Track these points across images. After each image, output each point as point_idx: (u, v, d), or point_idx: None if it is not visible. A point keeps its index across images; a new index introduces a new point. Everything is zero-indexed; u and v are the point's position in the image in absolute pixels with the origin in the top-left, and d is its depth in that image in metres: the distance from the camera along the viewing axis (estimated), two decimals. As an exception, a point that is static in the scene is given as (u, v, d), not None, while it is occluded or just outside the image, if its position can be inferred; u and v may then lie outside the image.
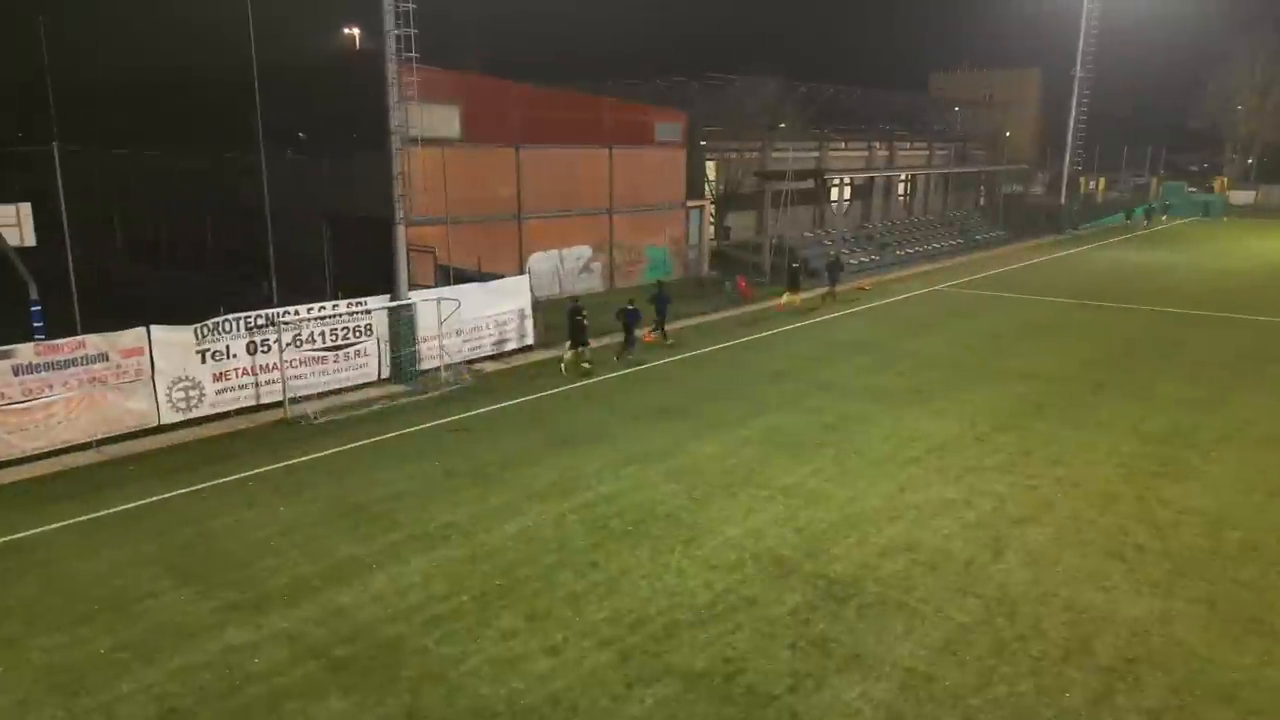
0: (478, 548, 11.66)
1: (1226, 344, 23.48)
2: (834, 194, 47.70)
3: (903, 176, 53.12)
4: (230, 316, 17.02)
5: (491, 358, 21.72)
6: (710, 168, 40.85)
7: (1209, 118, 77.79)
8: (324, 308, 18.54)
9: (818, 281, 31.58)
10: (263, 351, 17.50)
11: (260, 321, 17.40)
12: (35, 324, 17.20)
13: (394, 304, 19.43)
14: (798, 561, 11.21)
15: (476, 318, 21.27)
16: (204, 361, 16.68)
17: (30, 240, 18.00)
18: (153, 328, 15.91)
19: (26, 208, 17.92)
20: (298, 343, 18.02)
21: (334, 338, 18.70)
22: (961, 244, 46.45)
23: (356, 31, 35.06)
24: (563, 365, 20.64)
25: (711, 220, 40.33)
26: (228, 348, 17.02)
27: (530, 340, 22.65)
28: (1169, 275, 36.49)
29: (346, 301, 18.92)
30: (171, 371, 16.24)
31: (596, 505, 13.02)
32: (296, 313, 17.98)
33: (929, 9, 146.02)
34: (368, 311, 19.17)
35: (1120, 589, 10.48)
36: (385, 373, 19.63)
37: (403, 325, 19.47)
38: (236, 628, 9.80)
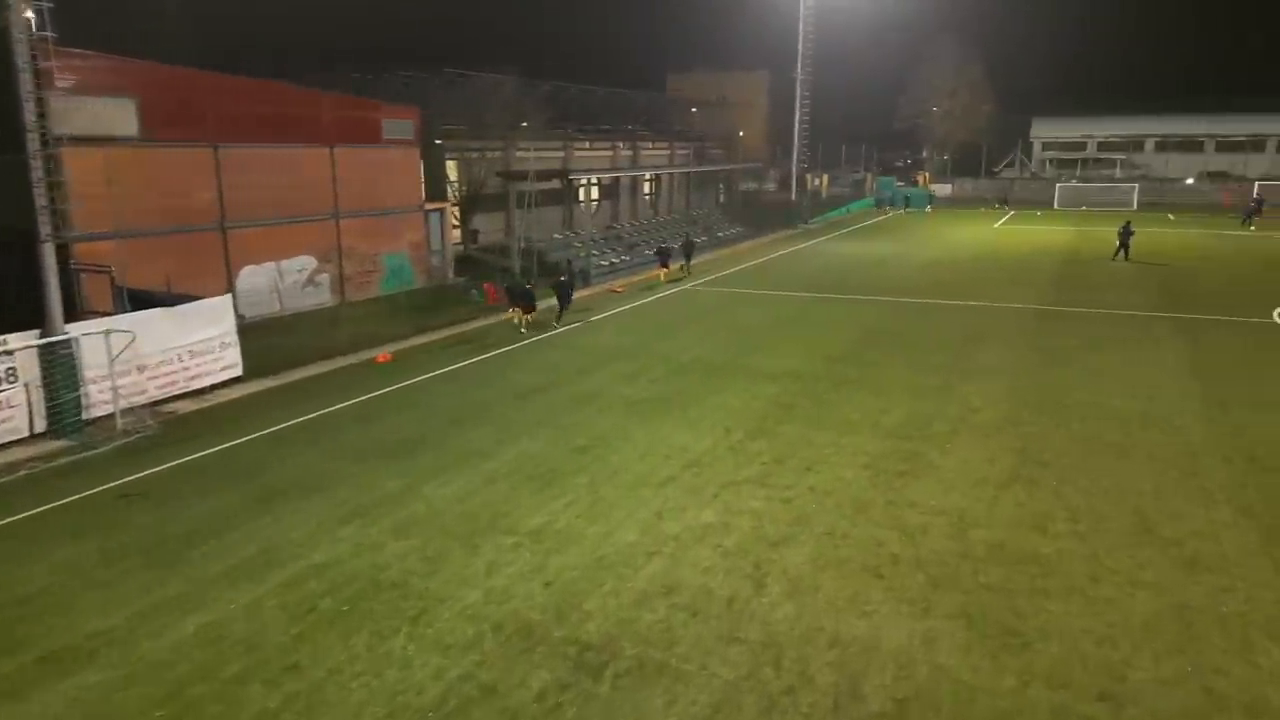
0: (137, 663, 9.06)
1: (945, 330, 25.03)
2: (582, 194, 47.12)
3: (647, 176, 53.70)
4: None
5: (187, 395, 18.37)
6: (451, 168, 38.68)
7: (909, 119, 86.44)
8: (-60, 352, 14.54)
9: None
10: None
11: None
12: None
13: (45, 341, 15.69)
14: (546, 627, 9.72)
15: (165, 349, 17.84)
16: None
17: None
18: None
19: None
20: (-99, 400, 13.96)
21: (-41, 389, 14.76)
22: (705, 241, 47.52)
23: None
24: (521, 326, 25.05)
25: (456, 223, 38.17)
26: None
27: (238, 371, 19.48)
28: (890, 266, 39.19)
29: (-24, 341, 15.02)
30: None
31: (304, 581, 10.76)
32: (-103, 361, 13.91)
33: (664, 10, 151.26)
34: (9, 352, 15.33)
35: (881, 612, 9.97)
36: (40, 426, 15.86)
37: (59, 366, 15.77)
38: None
